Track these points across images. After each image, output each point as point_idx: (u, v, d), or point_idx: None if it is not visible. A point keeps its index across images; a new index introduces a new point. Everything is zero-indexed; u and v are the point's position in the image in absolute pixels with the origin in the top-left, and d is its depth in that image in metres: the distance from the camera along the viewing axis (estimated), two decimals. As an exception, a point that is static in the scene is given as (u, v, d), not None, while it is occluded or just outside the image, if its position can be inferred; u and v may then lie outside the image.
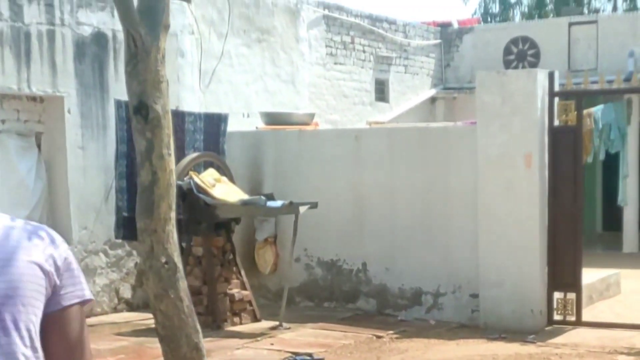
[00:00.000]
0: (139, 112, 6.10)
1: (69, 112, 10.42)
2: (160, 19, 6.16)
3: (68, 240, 10.48)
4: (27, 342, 2.10)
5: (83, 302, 2.22)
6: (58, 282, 2.17)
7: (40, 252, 2.15)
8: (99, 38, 10.73)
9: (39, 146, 10.46)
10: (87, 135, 10.64)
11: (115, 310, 10.98)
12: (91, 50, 10.64)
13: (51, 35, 10.19)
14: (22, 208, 10.19)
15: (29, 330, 2.11)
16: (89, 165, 10.67)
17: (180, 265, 6.26)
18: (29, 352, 2.11)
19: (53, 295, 2.16)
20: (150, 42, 6.07)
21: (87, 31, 10.60)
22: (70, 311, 2.20)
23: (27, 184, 10.25)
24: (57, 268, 2.17)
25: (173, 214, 6.31)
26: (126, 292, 11.16)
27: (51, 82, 10.22)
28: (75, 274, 2.21)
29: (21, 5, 9.89)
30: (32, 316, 2.12)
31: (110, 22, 10.77)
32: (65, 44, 10.34)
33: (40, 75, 10.10)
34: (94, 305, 10.70)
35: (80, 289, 2.22)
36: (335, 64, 16.01)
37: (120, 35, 10.80)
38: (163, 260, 6.14)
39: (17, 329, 2.09)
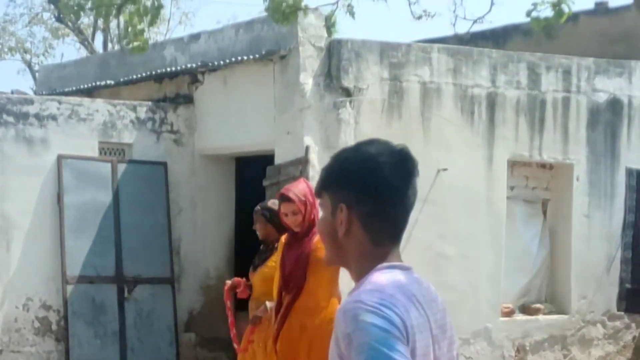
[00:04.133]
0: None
1: (577, 179, 10.23)
2: None
3: (566, 310, 10.29)
4: None
5: None
6: None
7: None
8: (614, 105, 10.42)
9: (544, 213, 10.41)
10: (594, 204, 10.37)
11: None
12: (604, 118, 10.37)
13: (566, 102, 10.10)
14: (523, 275, 10.20)
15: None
16: (594, 234, 10.38)
17: None
18: None
19: None
20: None
21: (602, 98, 10.35)
22: None
23: (530, 251, 10.23)
24: None
25: None
26: (621, 367, 10.68)
27: (562, 150, 10.12)
28: None
29: (539, 74, 9.93)
30: None
31: (626, 88, 10.42)
32: (580, 111, 10.19)
33: (551, 143, 10.05)
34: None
35: None
36: None
37: (636, 102, 10.47)
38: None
39: None
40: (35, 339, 9.93)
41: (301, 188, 6.20)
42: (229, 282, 7.30)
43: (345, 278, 6.24)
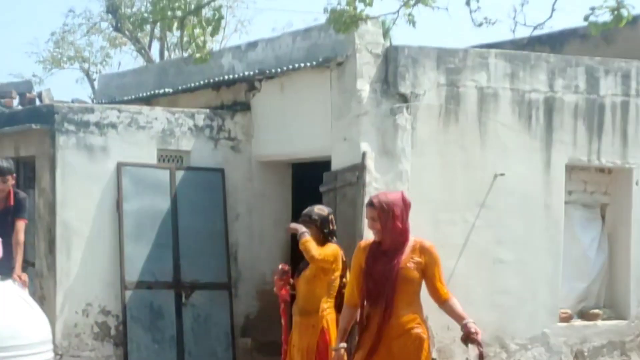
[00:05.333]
0: None
1: (636, 183, 10.11)
2: None
3: (625, 315, 10.19)
4: None
5: None
6: None
7: None
8: (673, 108, 10.30)
9: (603, 218, 10.31)
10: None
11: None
12: (663, 121, 10.25)
13: (625, 106, 9.99)
14: (582, 280, 10.12)
15: None
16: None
17: None
18: None
19: None
20: None
21: (661, 101, 10.24)
22: None
23: (589, 256, 10.14)
24: None
25: None
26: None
27: (621, 154, 10.01)
28: None
29: (598, 78, 9.84)
30: None
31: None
32: (639, 115, 10.07)
33: (610, 147, 9.95)
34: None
35: None
36: None
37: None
38: None
39: None
40: (94, 344, 10.09)
41: (391, 197, 6.01)
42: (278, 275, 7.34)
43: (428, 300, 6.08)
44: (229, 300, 10.59)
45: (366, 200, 8.65)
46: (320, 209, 7.39)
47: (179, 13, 7.08)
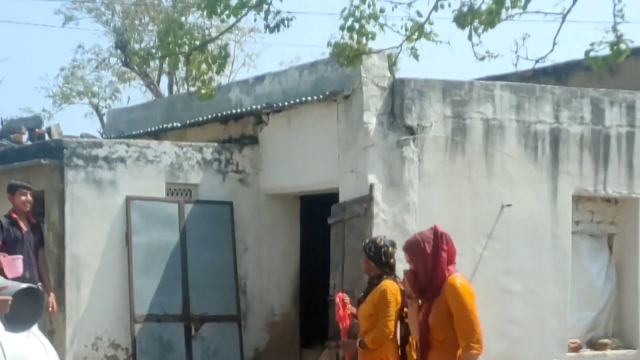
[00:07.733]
0: None
1: (643, 213, 10.16)
2: None
3: (633, 344, 10.23)
4: None
5: None
6: None
7: None
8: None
9: (610, 247, 10.33)
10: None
11: None
12: (670, 151, 10.28)
13: (630, 137, 10.05)
14: (590, 309, 10.12)
15: None
16: None
17: None
18: None
19: None
20: None
21: (666, 131, 10.28)
22: None
23: (596, 286, 10.16)
24: None
25: None
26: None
27: (627, 184, 10.06)
28: None
29: (603, 109, 9.91)
30: None
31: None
32: (644, 146, 10.15)
33: (616, 177, 10.00)
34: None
35: None
36: None
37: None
38: None
39: None
40: (104, 378, 10.11)
41: (419, 236, 5.82)
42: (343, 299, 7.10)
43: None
44: (239, 332, 10.60)
45: (374, 231, 8.73)
46: (380, 239, 7.10)
47: (185, 49, 7.16)
